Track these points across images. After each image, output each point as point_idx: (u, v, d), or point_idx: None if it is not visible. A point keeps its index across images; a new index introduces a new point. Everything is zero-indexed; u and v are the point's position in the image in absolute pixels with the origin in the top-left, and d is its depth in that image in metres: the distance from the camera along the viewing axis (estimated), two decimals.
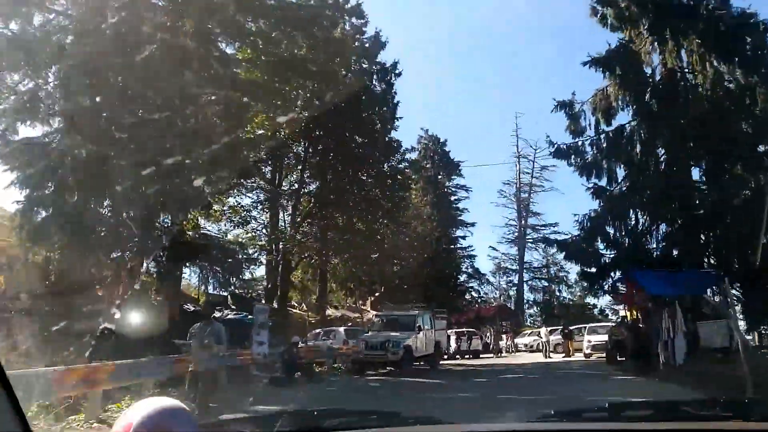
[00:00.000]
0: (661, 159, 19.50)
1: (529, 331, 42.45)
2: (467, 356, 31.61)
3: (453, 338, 31.81)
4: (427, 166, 56.29)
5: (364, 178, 28.65)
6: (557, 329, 32.85)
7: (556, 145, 20.66)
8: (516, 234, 56.96)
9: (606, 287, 21.12)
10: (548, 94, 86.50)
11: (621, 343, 18.40)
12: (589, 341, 25.81)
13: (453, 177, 57.63)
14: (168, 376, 11.06)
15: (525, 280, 56.74)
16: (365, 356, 17.46)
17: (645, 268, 17.12)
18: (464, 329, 35.76)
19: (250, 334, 15.69)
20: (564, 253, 20.39)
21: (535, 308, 61.42)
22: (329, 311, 32.38)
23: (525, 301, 56.33)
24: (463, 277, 57.89)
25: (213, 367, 8.76)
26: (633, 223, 19.48)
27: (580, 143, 20.39)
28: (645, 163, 19.54)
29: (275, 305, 27.94)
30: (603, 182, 20.60)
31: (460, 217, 57.11)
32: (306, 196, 29.25)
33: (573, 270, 63.53)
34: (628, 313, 24.85)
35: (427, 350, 19.08)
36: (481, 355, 32.44)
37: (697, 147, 18.46)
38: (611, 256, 19.82)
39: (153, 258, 22.98)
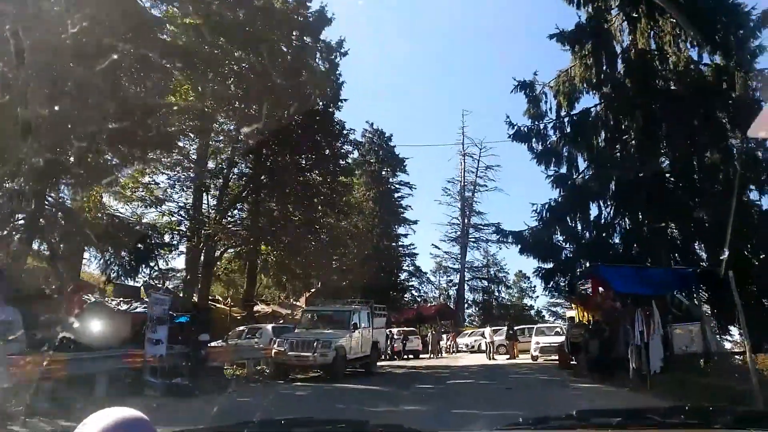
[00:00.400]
0: (629, 146, 17.51)
1: (469, 331, 40.54)
2: (406, 357, 29.38)
3: (393, 338, 29.56)
4: (371, 160, 53.90)
5: (303, 160, 25.71)
6: (500, 329, 30.98)
7: (515, 128, 18.31)
8: (459, 233, 55.25)
9: (563, 284, 18.97)
10: (499, 87, 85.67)
11: (580, 347, 16.28)
12: (537, 343, 23.83)
13: (397, 173, 55.43)
14: None
15: (465, 279, 55.11)
16: (289, 359, 14.47)
17: (610, 264, 15.02)
18: (404, 328, 33.64)
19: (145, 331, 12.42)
20: (519, 246, 18.11)
21: (474, 308, 60.21)
22: (258, 307, 29.12)
23: (465, 300, 54.66)
24: (403, 275, 55.83)
25: None
26: (596, 214, 17.45)
27: (542, 126, 18.16)
28: (611, 151, 17.52)
29: (195, 299, 24.65)
30: (563, 170, 18.49)
31: (402, 215, 55.04)
32: (236, 178, 25.98)
33: (512, 270, 63.21)
34: (578, 315, 23.21)
35: (364, 351, 16.31)
36: (420, 356, 30.21)
37: (668, 134, 16.57)
38: (572, 250, 17.65)
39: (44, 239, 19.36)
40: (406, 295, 55.47)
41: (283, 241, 24.89)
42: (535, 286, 65.93)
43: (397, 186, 55.50)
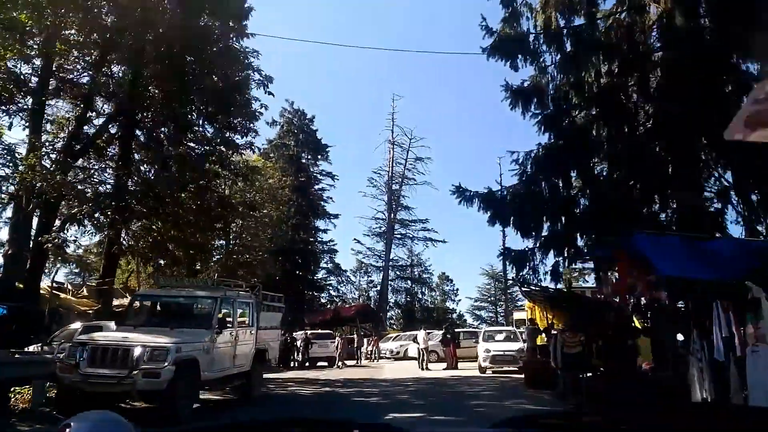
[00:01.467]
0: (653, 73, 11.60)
1: (393, 335, 34.28)
2: (321, 364, 22.96)
3: (300, 341, 23.06)
4: (290, 143, 46.89)
5: (190, 101, 18.38)
6: (432, 332, 25.05)
7: (495, 36, 12.03)
8: (384, 228, 49.02)
9: (552, 267, 12.70)
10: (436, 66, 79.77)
11: (578, 361, 10.28)
12: (488, 351, 17.79)
13: (319, 161, 48.67)
14: None
15: (389, 279, 48.94)
16: (83, 380, 7.35)
17: (645, 232, 9.06)
18: (318, 330, 27.32)
19: None
20: (488, 212, 11.79)
21: (396, 310, 54.29)
22: (123, 301, 21.20)
23: (387, 302, 48.42)
24: (321, 274, 48.93)
25: None
26: (605, 166, 11.49)
27: (533, 37, 12.02)
28: (623, 76, 11.65)
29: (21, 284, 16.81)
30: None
31: (324, 206, 48.34)
32: (94, 118, 18.22)
33: (437, 271, 57.96)
34: (537, 315, 17.79)
35: (239, 365, 9.22)
36: (338, 363, 23.76)
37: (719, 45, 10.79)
38: (568, 218, 11.52)
39: None
40: (323, 295, 48.62)
41: (155, 209, 17.43)
42: (457, 289, 61.27)
43: (318, 176, 48.75)
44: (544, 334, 16.50)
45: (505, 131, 68.44)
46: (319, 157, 48.63)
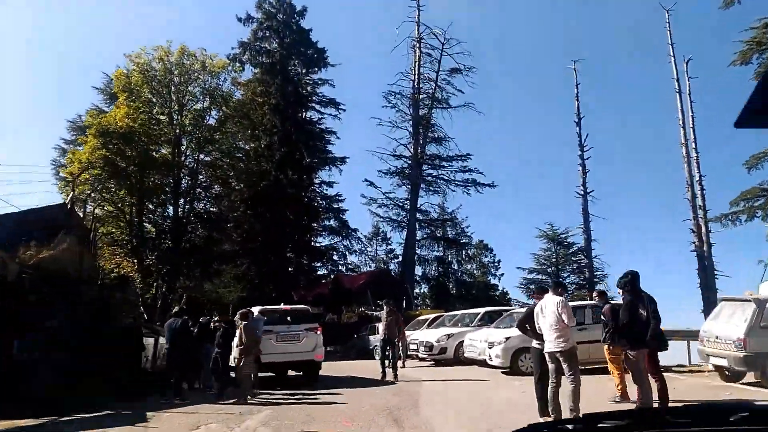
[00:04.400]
0: None
1: (431, 316, 18.75)
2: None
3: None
4: (272, 48, 32.11)
5: None
6: (580, 303, 9.08)
7: None
8: (407, 167, 33.33)
9: None
10: None
11: None
12: None
13: (316, 78, 33.61)
14: None
15: (416, 240, 33.39)
16: None
17: None
18: (288, 306, 12.44)
19: None
20: None
21: (423, 285, 38.88)
22: None
23: (414, 265, 32.83)
24: (325, 239, 33.79)
25: None
26: None
27: None
28: None
29: None
30: None
31: (326, 149, 33.46)
32: None
33: (478, 233, 42.25)
34: None
35: None
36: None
37: None
38: None
39: None
40: (327, 266, 33.27)
41: None
42: (499, 261, 45.13)
43: (317, 106, 33.78)
44: None
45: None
46: (315, 69, 33.40)
